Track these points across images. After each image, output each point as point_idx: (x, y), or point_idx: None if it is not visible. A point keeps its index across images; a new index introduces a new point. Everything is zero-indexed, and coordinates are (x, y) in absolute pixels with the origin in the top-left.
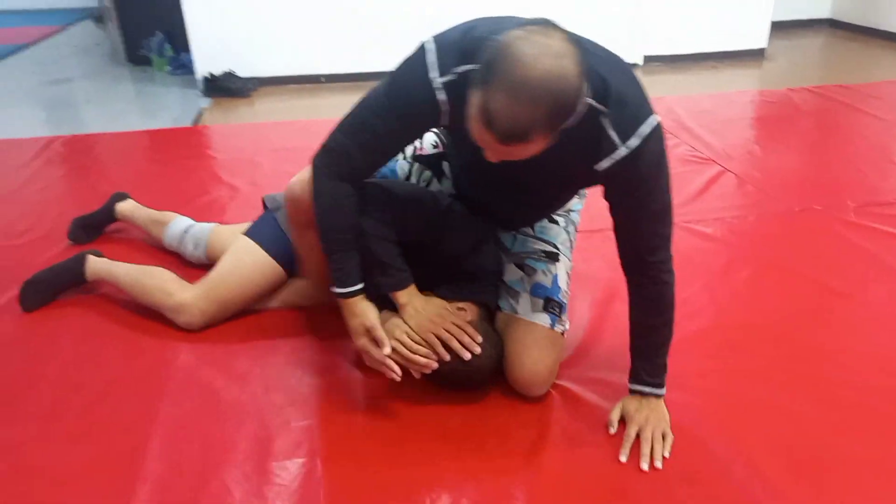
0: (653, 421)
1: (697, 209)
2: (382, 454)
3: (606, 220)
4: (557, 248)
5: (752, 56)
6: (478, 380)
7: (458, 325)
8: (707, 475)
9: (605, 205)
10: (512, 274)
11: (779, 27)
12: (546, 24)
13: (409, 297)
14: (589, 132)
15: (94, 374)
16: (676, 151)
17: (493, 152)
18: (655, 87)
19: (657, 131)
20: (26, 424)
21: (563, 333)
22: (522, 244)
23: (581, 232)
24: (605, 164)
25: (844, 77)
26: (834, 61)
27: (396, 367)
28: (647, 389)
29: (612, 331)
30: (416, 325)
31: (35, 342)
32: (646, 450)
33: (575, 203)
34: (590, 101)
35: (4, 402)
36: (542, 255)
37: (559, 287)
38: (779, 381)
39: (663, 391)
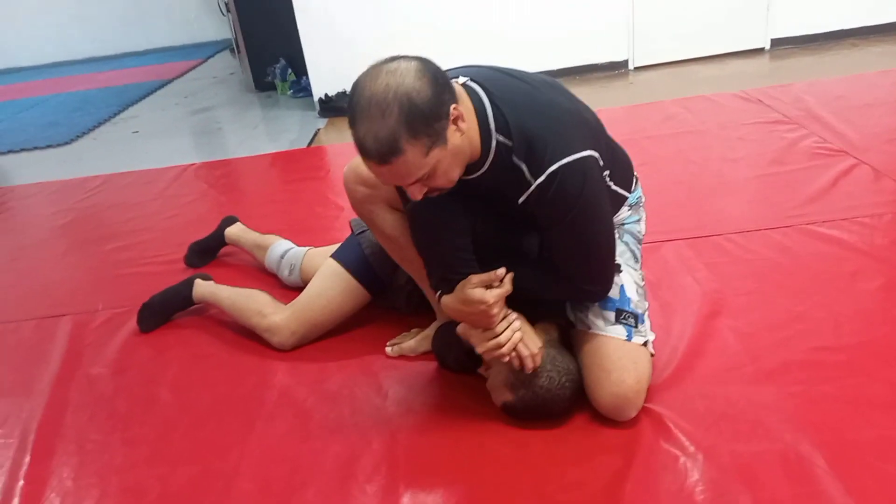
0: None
1: (822, 209)
2: (461, 479)
3: (712, 227)
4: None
5: None
6: (556, 410)
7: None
8: None
9: (711, 209)
10: None
11: None
12: (392, 56)
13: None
14: (508, 168)
15: (201, 396)
16: (802, 144)
17: (396, 182)
18: (784, 74)
19: (571, 168)
20: (139, 447)
21: (645, 345)
22: None
23: (684, 239)
24: (523, 198)
25: None
26: None
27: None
28: None
29: (715, 350)
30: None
31: (151, 365)
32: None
33: (626, 215)
34: (498, 137)
35: (122, 425)
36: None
37: (628, 297)
38: None
39: None
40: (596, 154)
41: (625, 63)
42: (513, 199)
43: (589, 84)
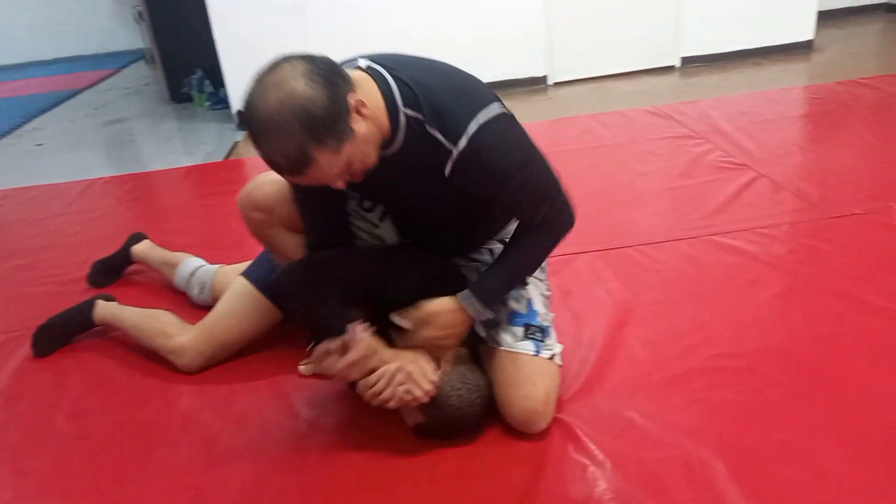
0: (446, 335)
1: (725, 220)
2: (373, 500)
3: (624, 239)
4: None
5: (799, 49)
6: (468, 428)
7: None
8: None
9: (623, 221)
10: None
11: (830, 16)
12: (275, 60)
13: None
14: (424, 141)
15: (100, 423)
16: (708, 158)
17: (314, 183)
18: (693, 90)
19: (486, 124)
20: (30, 480)
21: (552, 358)
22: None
23: (597, 251)
24: (448, 168)
25: None
26: (891, 49)
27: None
28: (469, 296)
29: (624, 360)
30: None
31: (47, 391)
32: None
33: None
34: (406, 111)
35: (11, 456)
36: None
37: (535, 311)
38: (802, 418)
39: (482, 312)
40: (503, 108)
41: (543, 79)
42: (439, 174)
43: (509, 99)
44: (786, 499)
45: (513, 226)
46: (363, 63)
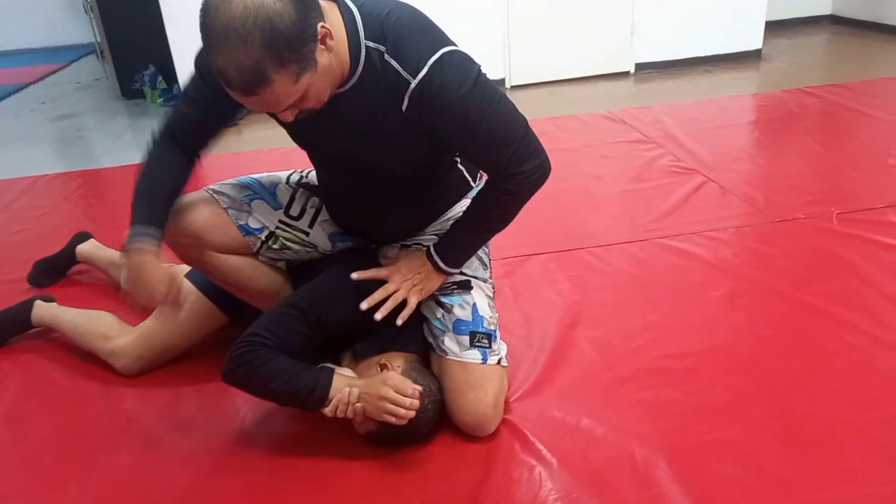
0: (416, 282)
1: (674, 223)
2: (320, 500)
3: (576, 241)
4: (466, 274)
5: (749, 58)
6: (420, 435)
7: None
8: None
9: (577, 224)
10: (432, 311)
11: (778, 26)
12: None
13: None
14: (382, 74)
15: (38, 427)
16: (659, 162)
17: (264, 108)
18: (646, 96)
19: (448, 57)
20: None
21: (499, 362)
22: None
23: (550, 253)
24: (406, 102)
25: (847, 75)
26: (835, 59)
27: None
28: (437, 257)
29: (573, 360)
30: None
31: None
32: (391, 303)
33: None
34: (368, 43)
35: None
36: (454, 287)
37: (481, 317)
38: (743, 417)
39: (448, 270)
40: (460, 49)
41: (502, 81)
42: (395, 111)
43: None
44: (726, 495)
45: (464, 203)
46: None
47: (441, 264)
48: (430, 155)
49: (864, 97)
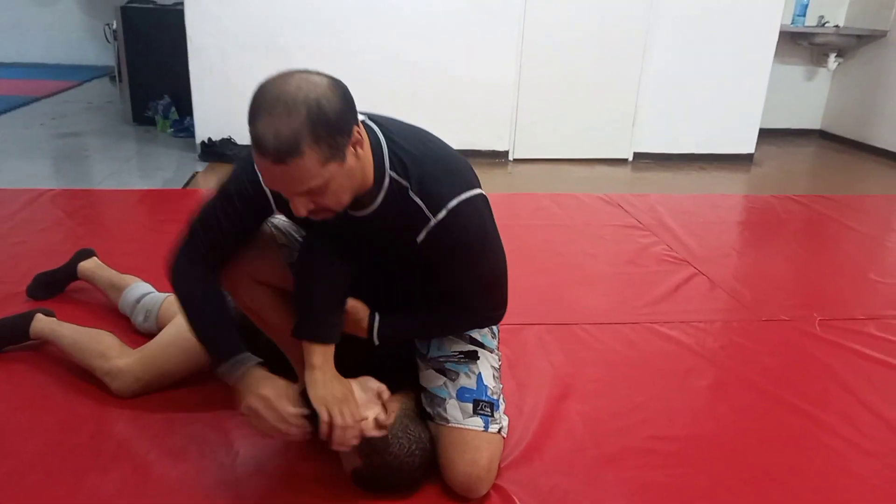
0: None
1: (665, 310)
2: None
3: (570, 316)
4: (476, 341)
5: (741, 160)
6: (404, 479)
7: (353, 420)
8: None
9: (571, 299)
10: (434, 380)
11: (770, 134)
12: (305, 69)
13: (324, 359)
14: (404, 206)
15: (26, 442)
16: (652, 250)
17: (286, 188)
18: (642, 184)
19: (468, 204)
20: None
21: (499, 431)
22: (439, 347)
23: (545, 324)
24: (422, 235)
25: (832, 188)
26: (822, 171)
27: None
28: (376, 326)
29: (561, 433)
30: (313, 395)
31: None
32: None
33: None
34: (392, 174)
35: None
36: (461, 356)
37: (486, 386)
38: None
39: (374, 339)
40: (484, 193)
41: (506, 154)
42: (410, 239)
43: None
44: None
45: None
46: (360, 117)
47: (374, 333)
48: (433, 275)
49: (849, 211)
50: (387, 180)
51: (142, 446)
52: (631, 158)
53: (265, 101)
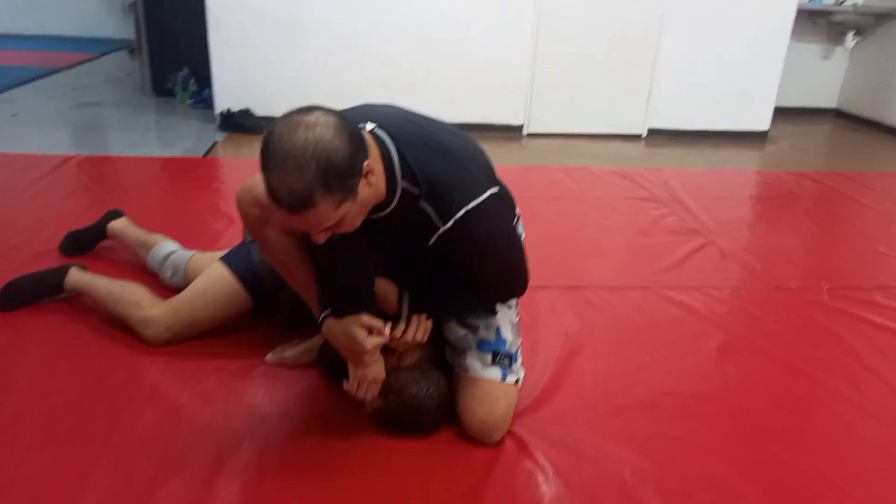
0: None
1: (674, 277)
2: (327, 482)
3: (584, 280)
4: None
5: (755, 138)
6: (422, 421)
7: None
8: None
9: (583, 266)
10: (455, 332)
11: (785, 112)
12: (309, 106)
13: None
14: (415, 212)
15: (63, 385)
16: (664, 221)
17: (303, 227)
18: (656, 159)
19: (477, 212)
20: None
21: (516, 382)
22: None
23: (558, 288)
24: (432, 240)
25: (846, 166)
26: (836, 149)
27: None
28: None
29: (571, 386)
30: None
31: (8, 350)
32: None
33: None
34: (404, 184)
35: None
36: (481, 309)
37: (504, 339)
38: (726, 457)
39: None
40: (494, 189)
41: (520, 128)
42: (422, 241)
43: (485, 142)
44: None
45: None
46: (369, 126)
47: (403, 312)
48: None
49: (861, 188)
50: (399, 190)
51: (173, 390)
52: (645, 134)
53: (276, 156)
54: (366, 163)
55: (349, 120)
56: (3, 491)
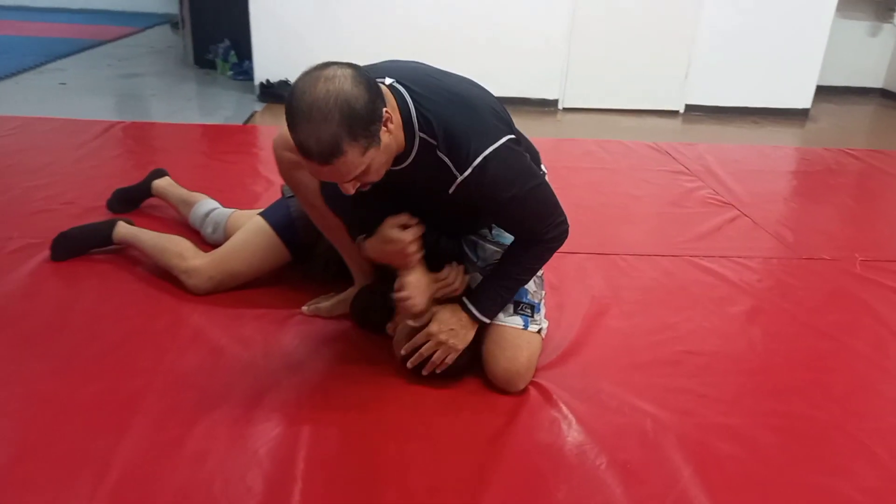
0: (448, 331)
1: (705, 246)
2: (359, 417)
3: (611, 247)
4: None
5: (796, 115)
6: (449, 374)
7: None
8: (654, 477)
9: (613, 233)
10: (478, 281)
11: (829, 91)
12: (326, 62)
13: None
14: (433, 162)
15: (113, 326)
16: (697, 193)
17: (334, 178)
18: (693, 135)
19: (493, 158)
20: (47, 361)
21: (539, 332)
22: (483, 252)
23: (586, 253)
24: (452, 188)
25: (888, 145)
26: (879, 129)
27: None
28: (469, 304)
29: (597, 343)
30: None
31: (63, 293)
32: (425, 351)
33: None
34: (421, 135)
35: (30, 342)
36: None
37: (526, 289)
38: (747, 409)
39: (481, 318)
40: (511, 135)
41: (555, 102)
42: (443, 190)
43: (521, 116)
44: (723, 467)
45: None
46: (388, 81)
47: (476, 313)
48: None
49: None
50: (417, 140)
51: (214, 334)
52: (682, 110)
53: (300, 111)
54: (385, 110)
55: (365, 71)
56: (61, 416)
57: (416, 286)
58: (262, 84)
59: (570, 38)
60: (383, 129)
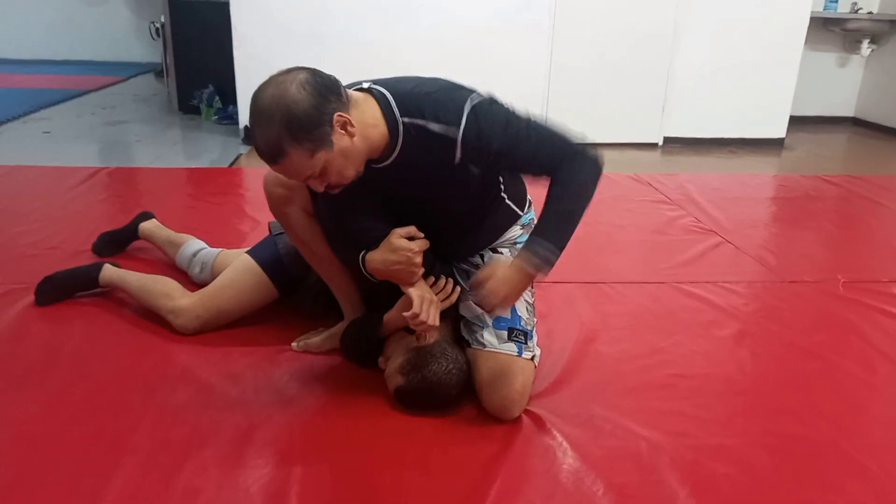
0: (501, 278)
1: (689, 272)
2: (352, 452)
3: (600, 275)
4: None
5: (772, 145)
6: (443, 397)
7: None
8: (651, 500)
9: (599, 262)
10: (473, 310)
11: (803, 121)
12: (291, 67)
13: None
14: (427, 141)
15: (101, 366)
16: (680, 221)
17: (292, 178)
18: (672, 167)
19: (481, 104)
20: (34, 401)
21: (532, 359)
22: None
23: (573, 283)
24: (458, 153)
25: (863, 171)
26: (854, 156)
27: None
28: (534, 239)
29: (587, 369)
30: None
31: (49, 336)
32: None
33: (518, 233)
34: (404, 119)
35: (16, 383)
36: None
37: (520, 316)
38: (739, 430)
39: (549, 252)
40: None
41: None
42: (447, 165)
43: None
44: (718, 487)
45: (514, 229)
46: (366, 84)
47: (543, 246)
48: (480, 191)
49: (879, 189)
50: (401, 128)
51: (203, 371)
52: (661, 143)
53: (253, 114)
54: (337, 114)
55: (326, 77)
56: (50, 456)
57: (428, 300)
58: (246, 127)
59: (549, 72)
60: (339, 132)
